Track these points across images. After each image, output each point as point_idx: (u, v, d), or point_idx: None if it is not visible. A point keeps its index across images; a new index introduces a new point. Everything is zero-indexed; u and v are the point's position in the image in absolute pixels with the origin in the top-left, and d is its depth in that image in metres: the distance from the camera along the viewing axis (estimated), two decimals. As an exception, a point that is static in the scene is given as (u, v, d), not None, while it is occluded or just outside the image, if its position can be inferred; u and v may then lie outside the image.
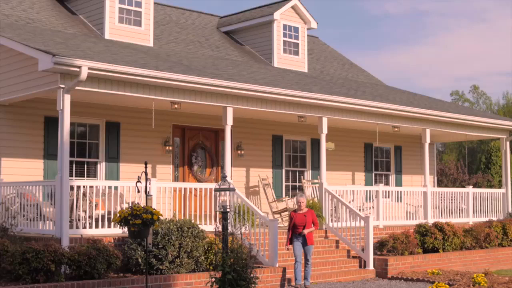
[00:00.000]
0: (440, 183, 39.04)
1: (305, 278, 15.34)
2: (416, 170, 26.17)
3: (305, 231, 15.17)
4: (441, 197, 22.63)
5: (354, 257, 18.24)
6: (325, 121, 19.21)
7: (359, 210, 19.88)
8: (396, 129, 22.43)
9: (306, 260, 15.34)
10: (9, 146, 16.61)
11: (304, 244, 15.31)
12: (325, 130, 19.21)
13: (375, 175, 25.09)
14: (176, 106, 17.22)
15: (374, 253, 18.28)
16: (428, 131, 22.17)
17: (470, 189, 23.33)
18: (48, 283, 12.34)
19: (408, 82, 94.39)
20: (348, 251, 18.31)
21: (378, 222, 20.01)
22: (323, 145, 19.30)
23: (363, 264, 18.00)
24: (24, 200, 15.26)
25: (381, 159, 25.44)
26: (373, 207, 20.72)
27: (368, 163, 24.77)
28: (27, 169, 16.76)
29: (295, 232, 15.34)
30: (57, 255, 12.60)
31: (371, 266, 17.85)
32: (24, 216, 15.19)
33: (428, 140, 22.19)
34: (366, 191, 21.13)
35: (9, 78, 15.87)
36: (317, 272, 16.90)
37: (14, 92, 15.72)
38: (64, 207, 14.12)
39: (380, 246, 18.77)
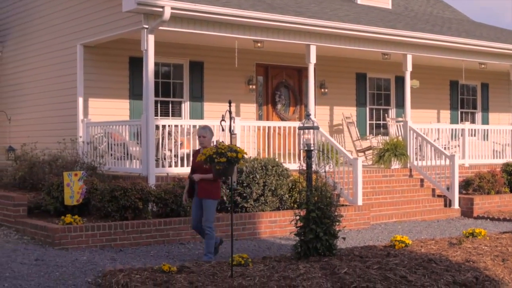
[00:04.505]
0: (528, 121, 38.14)
1: (206, 251, 10.95)
2: (503, 107, 25.57)
3: (195, 177, 10.82)
4: (530, 135, 22.12)
5: (439, 196, 18.09)
6: (409, 58, 18.91)
7: (444, 148, 19.61)
8: (482, 65, 21.92)
9: (204, 224, 10.95)
10: (95, 86, 16.90)
11: (199, 196, 10.97)
12: (409, 67, 18.92)
13: (461, 113, 24.64)
14: (259, 44, 17.17)
15: (460, 192, 18.09)
16: (516, 68, 21.62)
17: (560, 127, 22.73)
18: (136, 220, 12.64)
19: (495, 18, 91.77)
20: (433, 189, 18.16)
21: (464, 160, 19.74)
22: (408, 82, 19.04)
23: (448, 203, 17.85)
24: (111, 139, 15.56)
25: (467, 97, 24.94)
26: (458, 146, 20.41)
27: (453, 101, 24.33)
28: (114, 109, 17.05)
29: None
30: (144, 193, 12.86)
31: (456, 205, 17.70)
32: (111, 155, 15.51)
33: (516, 77, 21.67)
34: (452, 129, 20.79)
35: (94, 20, 16.07)
36: (401, 211, 16.86)
37: (99, 33, 15.92)
38: (150, 146, 14.36)
39: (465, 185, 18.56)
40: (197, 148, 12.03)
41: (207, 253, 10.90)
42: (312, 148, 10.92)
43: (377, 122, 22.35)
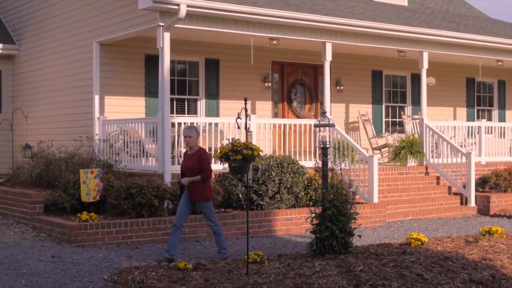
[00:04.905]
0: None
1: (220, 248, 10.97)
2: (520, 105, 25.48)
3: (183, 181, 10.74)
4: (547, 132, 21.97)
5: (455, 193, 18.02)
6: (425, 55, 18.84)
7: (461, 146, 19.53)
8: (499, 63, 21.79)
9: (210, 224, 11.00)
10: (111, 84, 16.93)
11: (192, 199, 10.86)
12: (425, 65, 18.86)
13: (477, 110, 24.53)
14: (274, 42, 17.17)
15: (476, 190, 18.00)
16: (533, 65, 21.49)
17: None
18: (152, 218, 12.67)
19: (505, 13, 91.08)
20: (449, 187, 18.09)
21: (480, 158, 19.64)
22: (424, 80, 18.97)
23: (464, 200, 17.78)
24: (127, 137, 15.60)
25: (483, 94, 24.82)
26: (475, 143, 20.31)
27: (470, 98, 24.22)
28: (129, 107, 17.09)
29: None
30: (160, 191, 12.89)
31: (472, 203, 17.62)
32: (127, 152, 15.55)
33: (533, 74, 21.54)
34: (468, 126, 20.69)
35: (110, 18, 16.11)
36: (417, 209, 16.81)
37: (115, 31, 15.96)
38: (166, 144, 14.37)
39: (482, 182, 18.47)
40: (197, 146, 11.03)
41: (221, 250, 10.88)
42: (327, 146, 10.91)
43: (393, 119, 22.30)
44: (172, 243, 10.73)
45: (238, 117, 9.49)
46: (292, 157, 15.12)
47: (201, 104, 18.29)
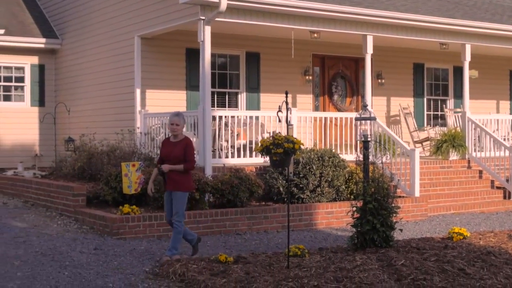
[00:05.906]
0: None
1: (171, 246, 10.17)
2: None
3: (164, 167, 10.15)
4: None
5: (498, 187, 17.83)
6: (468, 48, 18.65)
7: (504, 139, 19.30)
8: (544, 55, 21.53)
9: (174, 216, 10.19)
10: (153, 78, 17.03)
11: (169, 188, 10.30)
12: (468, 57, 18.67)
13: (521, 103, 24.25)
14: (315, 35, 17.12)
15: (520, 184, 17.82)
16: None
17: None
18: (193, 211, 12.71)
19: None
20: (492, 181, 17.90)
21: (524, 151, 19.42)
22: (466, 73, 18.78)
23: (507, 195, 17.58)
24: (168, 130, 15.65)
25: (527, 87, 24.51)
26: (518, 137, 20.10)
27: (513, 91, 23.95)
28: (170, 100, 17.16)
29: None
30: (201, 184, 12.93)
31: (516, 197, 17.46)
32: (168, 145, 15.60)
33: None
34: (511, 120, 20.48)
35: (151, 12, 16.19)
36: (459, 203, 16.67)
37: (156, 25, 16.03)
38: (207, 137, 14.42)
39: (525, 176, 18.26)
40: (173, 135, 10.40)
41: (171, 248, 10.12)
42: (369, 139, 10.87)
43: (435, 113, 22.12)
44: (186, 235, 10.44)
45: (279, 110, 9.49)
46: (333, 150, 15.08)
47: (242, 98, 18.32)
